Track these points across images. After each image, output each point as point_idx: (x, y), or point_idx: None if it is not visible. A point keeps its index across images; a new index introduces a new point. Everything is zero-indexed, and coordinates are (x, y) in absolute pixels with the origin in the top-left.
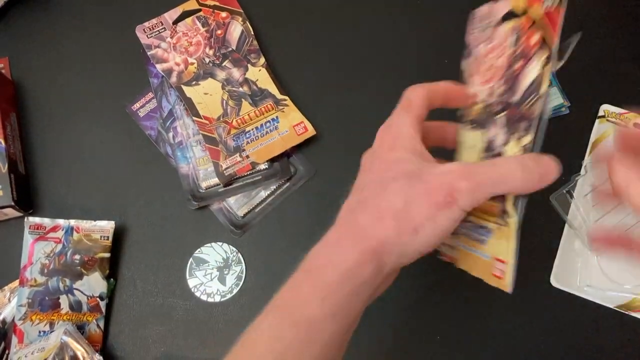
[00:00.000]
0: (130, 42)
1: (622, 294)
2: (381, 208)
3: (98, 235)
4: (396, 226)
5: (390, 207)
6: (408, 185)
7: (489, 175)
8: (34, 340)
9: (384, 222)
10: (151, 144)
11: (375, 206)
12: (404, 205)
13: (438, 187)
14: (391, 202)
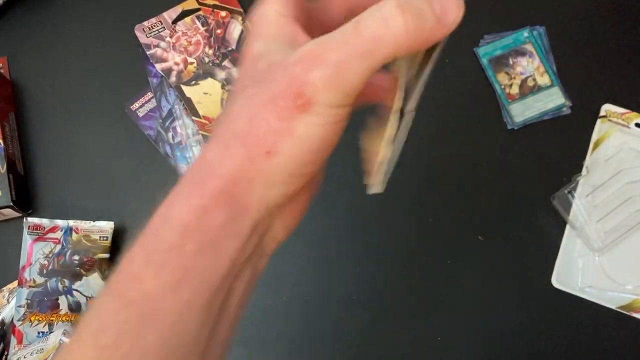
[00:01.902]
0: (130, 42)
1: (624, 295)
2: (227, 135)
3: (97, 236)
4: (245, 154)
5: (235, 130)
6: (254, 94)
7: (351, 48)
8: (33, 341)
9: (230, 152)
10: (150, 144)
11: (222, 132)
12: (247, 122)
13: (285, 88)
14: (235, 123)
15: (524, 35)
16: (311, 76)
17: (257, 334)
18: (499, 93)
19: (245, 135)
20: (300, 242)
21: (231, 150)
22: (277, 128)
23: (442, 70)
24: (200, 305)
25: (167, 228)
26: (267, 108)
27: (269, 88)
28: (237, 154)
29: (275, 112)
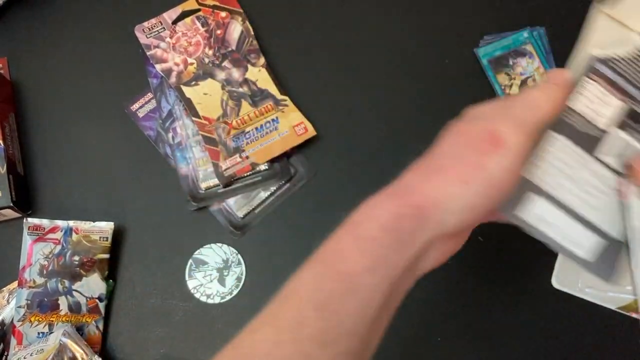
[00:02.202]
0: (130, 42)
1: (623, 295)
2: (429, 167)
3: (97, 236)
4: (442, 180)
5: (437, 164)
6: (456, 142)
7: (520, 107)
8: (33, 341)
9: (429, 178)
10: (150, 144)
11: (424, 168)
12: (451, 160)
13: (481, 131)
14: (439, 160)
15: (523, 36)
16: (502, 126)
17: None
18: (499, 94)
19: (447, 168)
20: (301, 240)
21: (431, 177)
22: (474, 162)
23: (442, 70)
24: (383, 290)
25: (370, 223)
26: (468, 148)
27: (471, 135)
28: (436, 180)
29: (473, 150)
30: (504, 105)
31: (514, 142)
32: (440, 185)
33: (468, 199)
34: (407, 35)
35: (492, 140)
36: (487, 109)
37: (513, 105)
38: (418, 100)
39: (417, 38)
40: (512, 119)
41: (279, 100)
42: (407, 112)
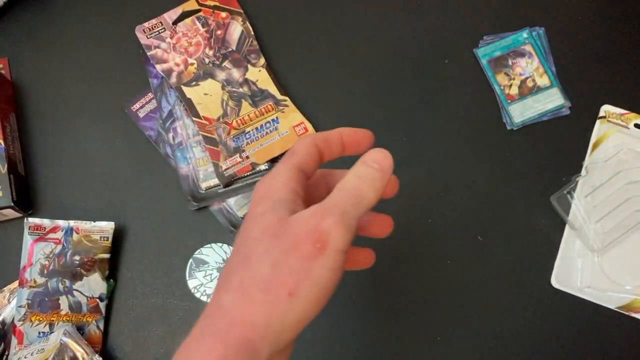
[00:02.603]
0: (130, 43)
1: (623, 295)
2: (245, 282)
3: (98, 236)
4: (266, 300)
5: (255, 277)
6: (272, 245)
7: (344, 202)
8: (33, 341)
9: (250, 299)
10: (151, 144)
11: (239, 281)
12: (271, 270)
13: (304, 237)
14: (256, 271)
15: (523, 36)
16: (325, 223)
17: None
18: (499, 94)
19: (268, 281)
20: None
21: (252, 297)
22: (298, 270)
23: (442, 70)
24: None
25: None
26: (290, 254)
27: (289, 238)
28: (259, 301)
29: (297, 257)
30: (328, 200)
31: (339, 240)
32: (266, 307)
33: (298, 312)
34: (407, 35)
35: (317, 241)
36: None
37: (338, 198)
38: (418, 100)
39: (417, 38)
40: (336, 213)
41: (279, 101)
42: (407, 112)
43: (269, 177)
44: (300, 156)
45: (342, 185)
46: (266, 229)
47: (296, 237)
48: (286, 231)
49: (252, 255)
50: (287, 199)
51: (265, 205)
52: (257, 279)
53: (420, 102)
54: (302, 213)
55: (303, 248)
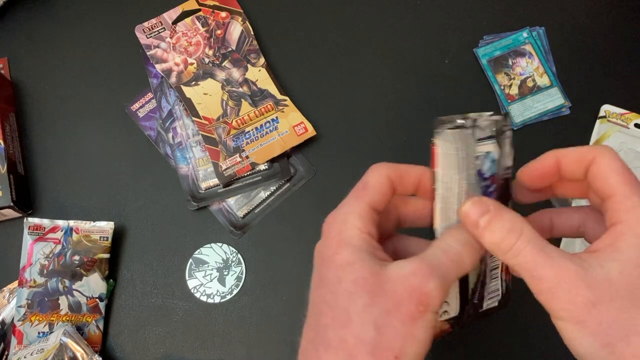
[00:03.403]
0: (130, 42)
1: None
2: (349, 343)
3: (97, 236)
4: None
5: (360, 339)
6: (372, 303)
7: (446, 264)
8: (33, 341)
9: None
10: (150, 144)
11: (341, 341)
12: (375, 332)
13: (407, 297)
14: (360, 331)
15: (523, 36)
16: (430, 286)
17: (257, 334)
18: (499, 94)
19: (372, 343)
20: (300, 242)
21: (357, 358)
22: (403, 333)
23: (442, 70)
24: None
25: None
26: (392, 315)
27: (390, 297)
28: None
29: (401, 318)
30: (429, 257)
31: (439, 303)
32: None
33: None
34: (407, 35)
35: (420, 304)
36: (360, 237)
37: (438, 258)
38: (418, 100)
39: (417, 38)
40: (441, 277)
41: (279, 100)
42: (407, 112)
43: (341, 216)
44: (373, 194)
45: (444, 246)
46: (360, 282)
47: (398, 297)
48: (385, 288)
49: (350, 311)
50: (368, 246)
51: (349, 254)
52: (362, 339)
53: (420, 102)
54: (400, 268)
55: (406, 310)
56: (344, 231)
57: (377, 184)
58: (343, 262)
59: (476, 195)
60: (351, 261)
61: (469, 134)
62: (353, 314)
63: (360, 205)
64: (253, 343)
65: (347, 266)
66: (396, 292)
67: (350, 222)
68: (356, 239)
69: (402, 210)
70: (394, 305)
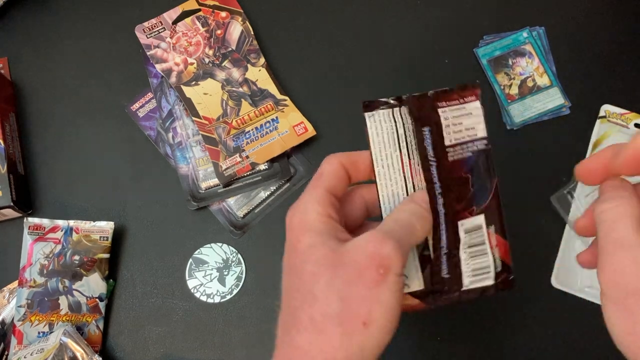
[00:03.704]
0: (130, 42)
1: None
2: (316, 318)
3: (97, 236)
4: (342, 333)
5: (327, 314)
6: (334, 276)
7: (400, 232)
8: (33, 341)
9: (326, 335)
10: (150, 144)
11: (310, 319)
12: (341, 304)
13: (366, 263)
14: (325, 305)
15: (523, 36)
16: (386, 248)
17: (257, 334)
18: (499, 93)
19: (340, 314)
20: None
21: (327, 333)
22: (368, 298)
23: (442, 70)
24: None
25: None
26: (355, 283)
27: (350, 267)
28: (334, 335)
29: (363, 285)
30: (382, 226)
31: (399, 264)
32: (343, 340)
33: (375, 339)
34: (407, 35)
35: (380, 266)
36: (320, 221)
37: (391, 226)
38: None
39: (417, 38)
40: (395, 239)
41: (279, 100)
42: None
43: (301, 206)
44: (328, 180)
45: (395, 217)
46: (321, 261)
47: (358, 265)
48: (344, 260)
49: (315, 289)
50: (329, 228)
51: (310, 238)
52: (329, 313)
53: None
54: (357, 240)
55: (367, 275)
56: (305, 219)
57: (331, 171)
58: (305, 247)
59: (421, 169)
60: (312, 244)
61: (406, 111)
62: (318, 292)
63: (317, 191)
64: (253, 343)
65: (308, 249)
66: (356, 261)
67: (310, 208)
68: (317, 223)
69: (368, 199)
70: (355, 274)
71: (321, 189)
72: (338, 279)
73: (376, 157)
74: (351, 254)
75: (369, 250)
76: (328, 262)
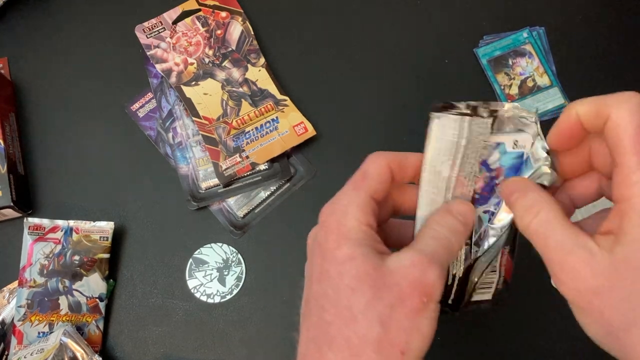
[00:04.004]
0: (130, 42)
1: None
2: (353, 342)
3: (97, 236)
4: (379, 358)
5: (365, 337)
6: (374, 298)
7: (440, 252)
8: (33, 341)
9: (362, 359)
10: (150, 144)
11: (346, 340)
12: (380, 329)
13: (410, 290)
14: (365, 330)
15: (523, 36)
16: (431, 276)
17: (257, 334)
18: (499, 93)
19: (378, 340)
20: (300, 242)
21: (363, 358)
22: (408, 327)
23: (442, 70)
24: None
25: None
26: (396, 309)
27: (393, 290)
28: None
29: (406, 312)
30: (425, 247)
31: (440, 292)
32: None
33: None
34: (407, 35)
35: (424, 295)
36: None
37: (433, 247)
38: (418, 100)
39: (417, 38)
40: (439, 265)
41: (279, 100)
42: (407, 112)
43: (340, 207)
44: (373, 183)
45: (434, 233)
46: (362, 277)
47: (401, 289)
48: (387, 281)
49: (354, 308)
50: (369, 239)
51: (350, 248)
52: (368, 337)
53: (420, 102)
54: (400, 260)
55: (410, 303)
56: (344, 224)
57: (377, 173)
58: (344, 257)
59: (468, 183)
60: (353, 256)
61: (482, 123)
62: (357, 311)
63: (360, 195)
64: (253, 343)
65: (348, 261)
66: (399, 285)
67: (350, 213)
68: (357, 231)
69: (398, 199)
70: (397, 299)
71: (364, 192)
72: (380, 301)
73: (429, 161)
74: (394, 276)
75: (414, 276)
76: (370, 280)
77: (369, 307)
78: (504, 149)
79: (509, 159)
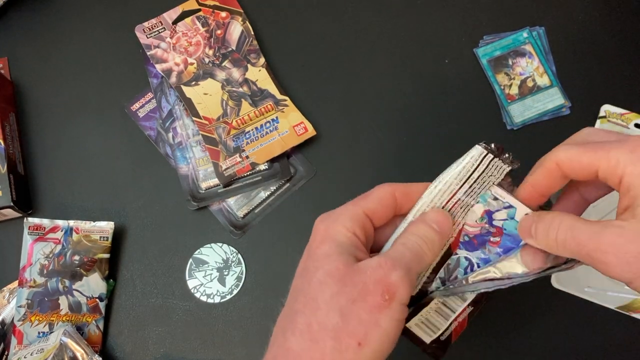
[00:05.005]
0: (130, 42)
1: (623, 295)
2: (314, 327)
3: (97, 236)
4: (336, 347)
5: (324, 325)
6: (340, 291)
7: (409, 259)
8: (33, 341)
9: (320, 345)
10: (151, 144)
11: (307, 324)
12: (340, 319)
13: (373, 287)
14: (325, 317)
15: (523, 36)
16: (393, 276)
17: (257, 334)
18: (499, 93)
19: (336, 329)
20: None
21: (320, 343)
22: (367, 321)
23: (442, 70)
24: None
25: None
26: (358, 304)
27: (357, 286)
28: (327, 347)
29: (366, 307)
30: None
31: (405, 293)
32: (335, 355)
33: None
34: (407, 35)
35: (386, 292)
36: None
37: (401, 252)
38: (418, 100)
39: (417, 38)
40: (404, 268)
41: (279, 100)
42: (407, 112)
43: (332, 216)
44: (371, 202)
45: (404, 241)
46: (332, 272)
47: (365, 286)
48: (354, 279)
49: (319, 298)
50: (350, 244)
51: (329, 247)
52: (327, 325)
53: (420, 102)
54: (369, 262)
55: (371, 299)
56: (331, 228)
57: (378, 197)
58: (322, 254)
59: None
60: (329, 253)
61: (500, 167)
62: (321, 302)
63: (354, 208)
64: (253, 343)
65: (325, 258)
66: (364, 282)
67: (339, 221)
68: (340, 235)
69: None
70: (360, 295)
71: (359, 208)
72: (343, 295)
73: (444, 179)
74: (361, 275)
75: (377, 275)
76: (338, 275)
77: (332, 299)
78: (513, 214)
79: (513, 227)
